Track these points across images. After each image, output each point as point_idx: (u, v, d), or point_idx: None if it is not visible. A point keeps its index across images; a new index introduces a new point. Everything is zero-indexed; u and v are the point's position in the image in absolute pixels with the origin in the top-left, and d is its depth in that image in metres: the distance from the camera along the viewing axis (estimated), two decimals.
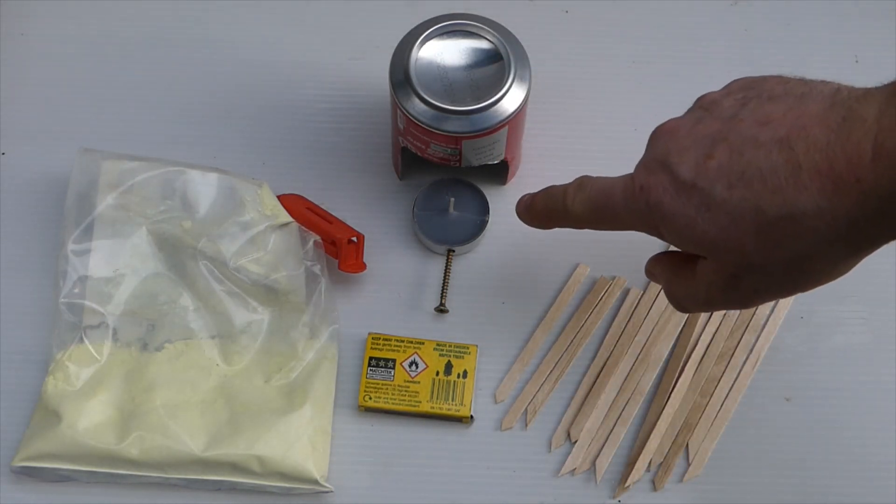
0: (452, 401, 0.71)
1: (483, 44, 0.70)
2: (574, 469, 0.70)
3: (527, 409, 0.72)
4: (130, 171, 0.72)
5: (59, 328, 0.70)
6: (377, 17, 0.83)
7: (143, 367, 0.70)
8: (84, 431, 0.67)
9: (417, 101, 0.69)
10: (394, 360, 0.71)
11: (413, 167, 0.76)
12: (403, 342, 0.72)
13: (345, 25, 0.83)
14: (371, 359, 0.71)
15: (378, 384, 0.71)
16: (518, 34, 0.71)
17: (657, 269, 0.63)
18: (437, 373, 0.71)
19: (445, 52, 0.70)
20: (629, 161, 0.72)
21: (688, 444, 0.70)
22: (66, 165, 0.73)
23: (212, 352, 0.71)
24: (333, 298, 0.73)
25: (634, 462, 0.70)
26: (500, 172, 0.76)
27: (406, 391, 0.71)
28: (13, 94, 0.80)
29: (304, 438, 0.68)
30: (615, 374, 0.72)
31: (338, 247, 0.73)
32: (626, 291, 0.75)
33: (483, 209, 0.75)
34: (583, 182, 0.63)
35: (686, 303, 0.61)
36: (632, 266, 0.74)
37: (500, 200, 0.76)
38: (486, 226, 0.75)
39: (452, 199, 0.75)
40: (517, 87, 0.69)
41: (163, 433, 0.68)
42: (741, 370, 0.72)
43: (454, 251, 0.75)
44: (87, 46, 0.82)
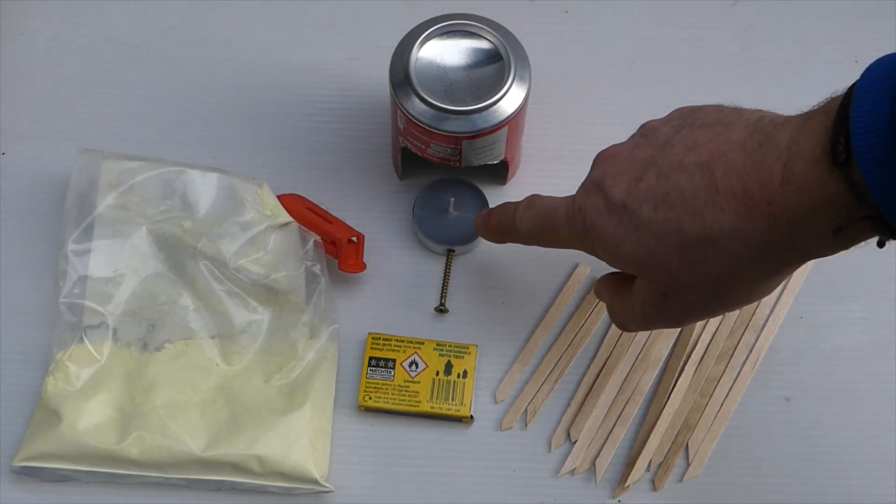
0: (452, 401, 0.71)
1: (483, 44, 0.71)
2: (574, 469, 0.70)
3: (527, 409, 0.72)
4: (130, 171, 0.72)
5: (59, 328, 0.70)
6: (377, 17, 0.83)
7: (143, 367, 0.70)
8: (84, 431, 0.67)
9: (417, 101, 0.69)
10: (394, 360, 0.71)
11: (413, 167, 0.76)
12: (403, 342, 0.72)
13: (345, 25, 0.83)
14: (371, 359, 0.71)
15: (378, 384, 0.71)
16: (518, 34, 0.71)
17: (602, 289, 0.65)
18: (437, 373, 0.71)
19: (445, 52, 0.70)
20: None
21: (688, 444, 0.70)
22: (66, 165, 0.73)
23: (212, 352, 0.71)
24: (333, 298, 0.73)
25: (634, 462, 0.70)
26: (500, 172, 0.76)
27: (406, 391, 0.71)
28: (13, 94, 0.80)
29: (304, 438, 0.68)
30: (615, 374, 0.72)
31: (338, 247, 0.73)
32: None
33: (483, 209, 0.75)
34: (532, 200, 0.66)
35: (625, 321, 0.63)
36: None
37: (500, 200, 0.76)
38: None
39: (452, 199, 0.75)
40: (517, 87, 0.69)
41: (163, 433, 0.68)
42: (741, 370, 0.72)
43: (454, 251, 0.75)
44: (87, 46, 0.82)
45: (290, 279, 0.72)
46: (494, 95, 0.68)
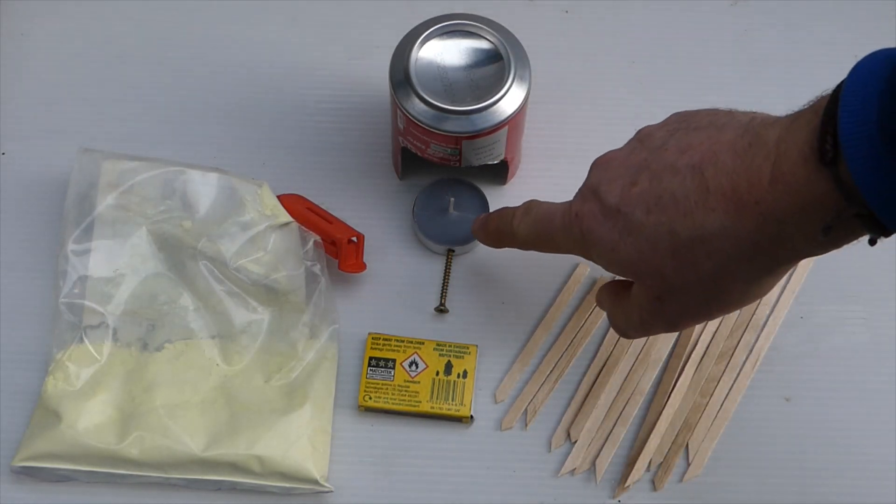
0: (452, 401, 0.71)
1: (483, 44, 0.71)
2: (574, 469, 0.70)
3: (527, 409, 0.72)
4: (130, 171, 0.72)
5: (59, 328, 0.70)
6: (377, 17, 0.83)
7: (143, 367, 0.70)
8: (84, 431, 0.67)
9: (417, 101, 0.69)
10: (394, 360, 0.71)
11: (413, 167, 0.76)
12: (403, 342, 0.72)
13: (345, 25, 0.83)
14: (371, 359, 0.71)
15: (378, 384, 0.71)
16: (518, 34, 0.71)
17: (602, 297, 0.66)
18: (437, 373, 0.71)
19: (445, 52, 0.70)
20: None
21: (688, 444, 0.70)
22: (66, 165, 0.73)
23: (212, 352, 0.71)
24: (333, 298, 0.73)
25: (634, 462, 0.70)
26: (500, 172, 0.76)
27: (406, 391, 0.71)
28: (13, 94, 0.80)
29: (304, 438, 0.68)
30: (615, 374, 0.72)
31: (338, 247, 0.73)
32: None
33: (483, 209, 0.75)
34: (529, 206, 0.66)
35: (624, 327, 0.63)
36: None
37: (500, 200, 0.76)
38: None
39: (452, 199, 0.75)
40: (517, 87, 0.69)
41: (163, 433, 0.68)
42: (741, 370, 0.72)
43: (454, 251, 0.75)
44: (87, 46, 0.82)
45: (290, 279, 0.72)
46: (494, 95, 0.68)
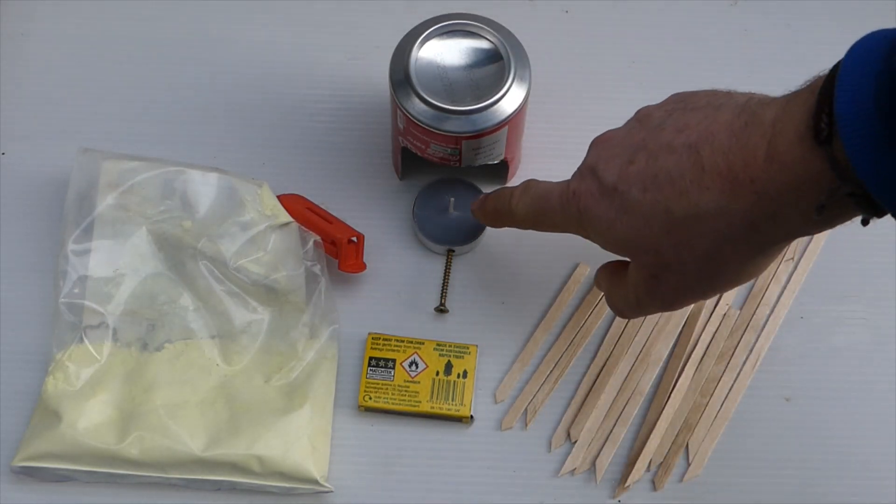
0: (452, 401, 0.71)
1: (483, 44, 0.71)
2: (574, 469, 0.70)
3: (527, 409, 0.72)
4: (130, 171, 0.72)
5: (59, 328, 0.70)
6: (377, 17, 0.83)
7: (143, 367, 0.70)
8: (84, 431, 0.67)
9: (417, 101, 0.69)
10: (394, 360, 0.71)
11: (413, 167, 0.76)
12: (403, 342, 0.72)
13: (345, 25, 0.83)
14: (371, 359, 0.71)
15: (378, 384, 0.71)
16: (518, 34, 0.71)
17: (600, 278, 0.66)
18: (437, 373, 0.71)
19: (445, 52, 0.70)
20: None
21: (688, 444, 0.70)
22: (66, 165, 0.73)
23: (212, 352, 0.71)
24: (333, 298, 0.73)
25: (634, 462, 0.70)
26: (500, 172, 0.76)
27: (406, 391, 0.71)
28: (13, 94, 0.80)
29: (304, 438, 0.68)
30: (615, 374, 0.72)
31: (338, 247, 0.73)
32: None
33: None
34: (528, 185, 0.66)
35: (621, 307, 0.64)
36: None
37: None
38: (487, 226, 0.75)
39: (452, 199, 0.75)
40: (517, 87, 0.69)
41: (163, 433, 0.68)
42: (741, 370, 0.72)
43: (454, 251, 0.75)
44: (87, 46, 0.82)
45: (290, 279, 0.72)
46: (494, 95, 0.68)
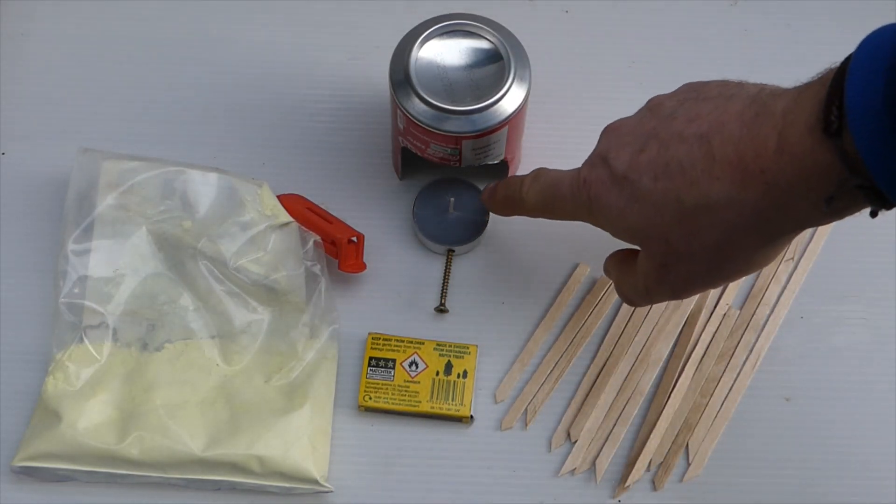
0: (452, 401, 0.71)
1: (483, 44, 0.70)
2: (574, 469, 0.70)
3: (527, 409, 0.72)
4: (130, 171, 0.72)
5: (59, 328, 0.70)
6: (377, 17, 0.83)
7: (143, 367, 0.70)
8: (84, 431, 0.67)
9: (417, 101, 0.69)
10: (394, 360, 0.71)
11: (413, 167, 0.76)
12: (403, 342, 0.72)
13: (345, 25, 0.83)
14: (371, 359, 0.71)
15: (378, 384, 0.71)
16: (518, 34, 0.71)
17: (609, 266, 0.66)
18: (437, 373, 0.71)
19: (445, 52, 0.70)
20: None
21: (688, 444, 0.70)
22: (66, 165, 0.73)
23: (212, 352, 0.71)
24: (333, 298, 0.73)
25: (634, 462, 0.70)
26: (500, 172, 0.76)
27: (406, 391, 0.71)
28: (13, 94, 0.80)
29: (304, 438, 0.68)
30: (615, 374, 0.72)
31: (338, 247, 0.73)
32: None
33: (483, 209, 0.75)
34: (538, 173, 0.67)
35: (630, 295, 0.64)
36: None
37: None
38: (486, 226, 0.75)
39: (452, 199, 0.75)
40: (517, 87, 0.69)
41: (163, 433, 0.68)
42: (741, 370, 0.72)
43: (454, 251, 0.75)
44: (87, 46, 0.82)
45: (290, 279, 0.72)
46: (494, 95, 0.68)
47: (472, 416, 0.71)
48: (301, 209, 0.74)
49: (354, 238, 0.74)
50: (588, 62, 0.82)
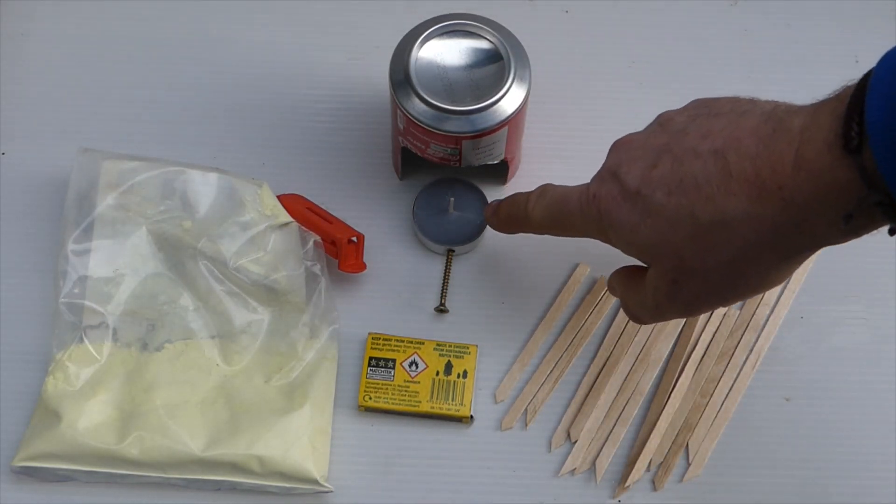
0: (452, 401, 0.71)
1: (483, 44, 0.71)
2: (574, 469, 0.70)
3: (527, 409, 0.72)
4: (130, 171, 0.72)
5: (59, 328, 0.70)
6: (377, 17, 0.83)
7: (143, 367, 0.70)
8: (84, 431, 0.67)
9: (417, 101, 0.69)
10: (394, 360, 0.71)
11: (413, 167, 0.76)
12: (403, 342, 0.72)
13: (345, 25, 0.83)
14: (371, 359, 0.71)
15: (378, 384, 0.71)
16: (518, 34, 0.71)
17: (614, 283, 0.65)
18: (437, 373, 0.71)
19: (445, 52, 0.70)
20: None
21: (688, 444, 0.70)
22: (66, 165, 0.73)
23: (212, 352, 0.71)
24: (333, 298, 0.73)
25: (634, 462, 0.70)
26: (500, 172, 0.76)
27: (406, 391, 0.71)
28: (13, 94, 0.80)
29: (304, 438, 0.68)
30: (615, 374, 0.72)
31: (338, 247, 0.73)
32: None
33: (483, 209, 0.75)
34: (544, 189, 0.66)
35: (638, 312, 0.63)
36: None
37: None
38: (486, 226, 0.75)
39: (452, 199, 0.75)
40: (517, 87, 0.69)
41: (163, 433, 0.68)
42: (741, 370, 0.72)
43: (454, 251, 0.75)
44: (87, 46, 0.82)
45: (290, 279, 0.72)
46: (494, 95, 0.68)
47: (472, 416, 0.71)
48: (301, 209, 0.74)
49: (354, 238, 0.74)
50: (588, 62, 0.82)
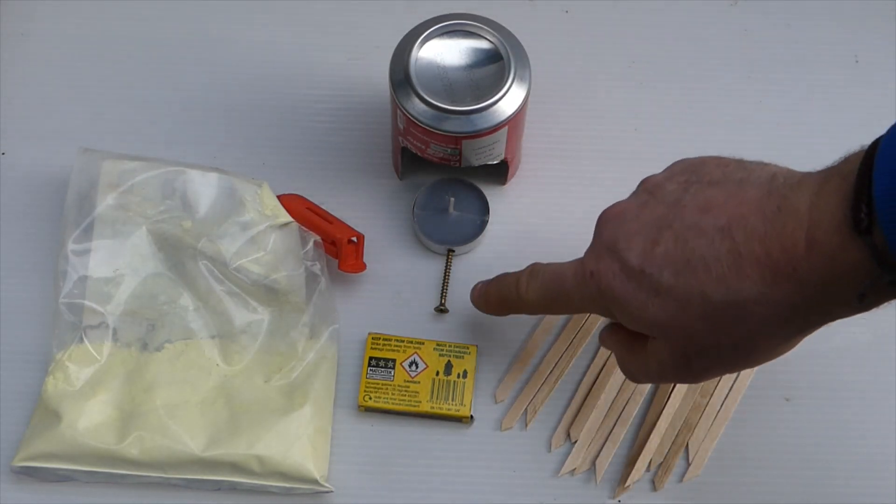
0: (452, 401, 0.71)
1: (483, 44, 0.71)
2: (574, 469, 0.70)
3: (527, 410, 0.72)
4: (130, 171, 0.72)
5: (59, 328, 0.70)
6: (377, 17, 0.83)
7: (143, 367, 0.70)
8: (84, 431, 0.67)
9: (417, 101, 0.69)
10: (394, 360, 0.71)
11: (413, 167, 0.76)
12: (403, 342, 0.72)
13: (345, 25, 0.83)
14: (371, 359, 0.71)
15: (378, 384, 0.71)
16: (518, 34, 0.71)
17: (610, 342, 0.64)
18: (437, 373, 0.71)
19: (445, 52, 0.70)
20: (629, 161, 0.72)
21: (688, 444, 0.70)
22: (66, 165, 0.73)
23: (212, 352, 0.71)
24: (333, 298, 0.73)
25: (634, 462, 0.70)
26: (500, 172, 0.76)
27: (406, 391, 0.71)
28: (13, 94, 0.80)
29: (304, 438, 0.68)
30: (615, 374, 0.72)
31: (338, 247, 0.73)
32: None
33: (483, 209, 0.75)
34: (535, 269, 0.65)
35: (639, 376, 0.63)
36: None
37: (500, 200, 0.76)
38: (486, 226, 0.75)
39: (452, 199, 0.75)
40: (517, 87, 0.69)
41: (163, 433, 0.68)
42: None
43: (454, 251, 0.75)
44: (87, 46, 0.82)
45: (290, 279, 0.72)
46: (494, 95, 0.68)
47: (472, 416, 0.71)
48: (301, 209, 0.74)
49: (354, 238, 0.74)
50: (588, 62, 0.82)
